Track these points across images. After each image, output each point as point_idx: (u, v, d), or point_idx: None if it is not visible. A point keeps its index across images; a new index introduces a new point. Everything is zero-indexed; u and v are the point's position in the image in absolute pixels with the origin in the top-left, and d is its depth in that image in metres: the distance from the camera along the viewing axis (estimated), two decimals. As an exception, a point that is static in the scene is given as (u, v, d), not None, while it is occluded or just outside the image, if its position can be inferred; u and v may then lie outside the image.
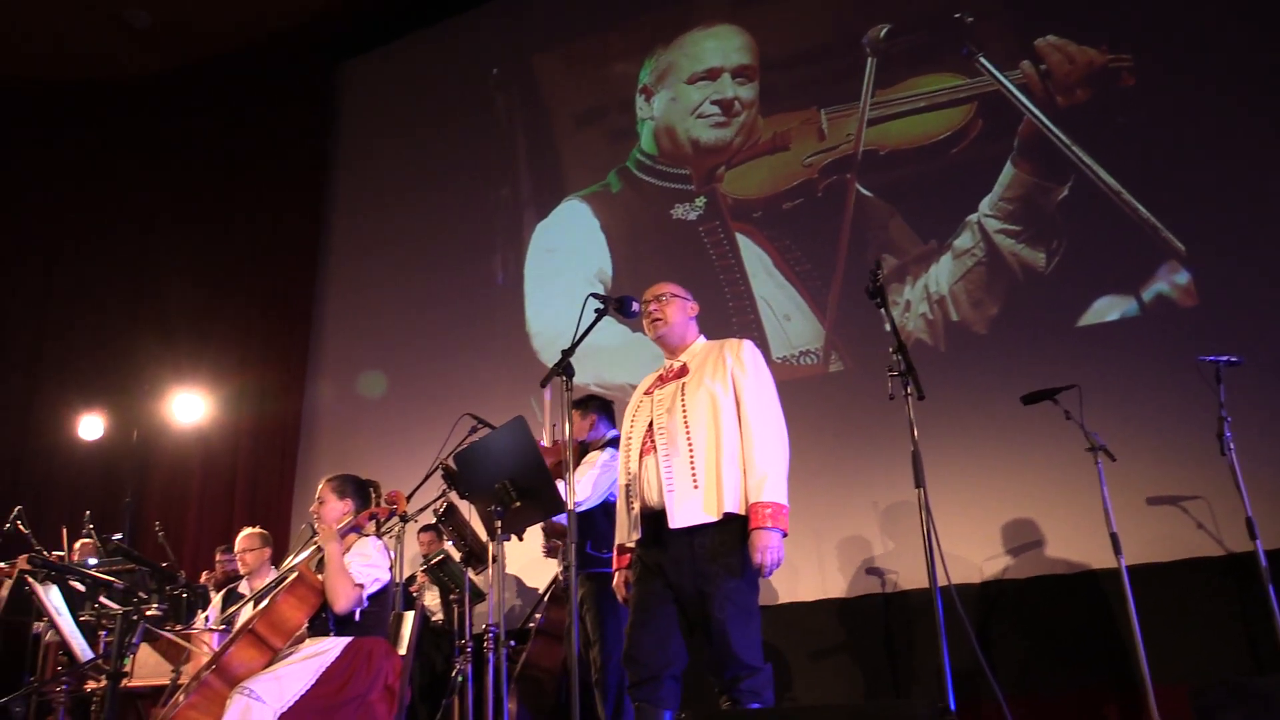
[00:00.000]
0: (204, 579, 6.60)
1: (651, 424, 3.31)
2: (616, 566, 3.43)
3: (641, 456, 3.29)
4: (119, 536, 5.94)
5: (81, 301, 9.33)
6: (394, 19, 8.65)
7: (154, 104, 9.47)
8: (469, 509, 4.55)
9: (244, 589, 5.18)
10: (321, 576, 3.63)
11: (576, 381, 3.32)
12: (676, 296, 3.48)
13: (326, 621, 3.63)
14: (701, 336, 3.52)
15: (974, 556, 5.26)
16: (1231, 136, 5.35)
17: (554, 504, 3.53)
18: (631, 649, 3.16)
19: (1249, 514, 4.15)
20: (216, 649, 3.90)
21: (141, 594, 3.82)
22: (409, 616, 3.97)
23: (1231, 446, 4.21)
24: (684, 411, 3.25)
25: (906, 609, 5.31)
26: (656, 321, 3.44)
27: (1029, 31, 5.99)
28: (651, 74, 7.32)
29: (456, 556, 5.08)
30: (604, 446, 4.57)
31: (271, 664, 3.47)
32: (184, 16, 8.61)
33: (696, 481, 3.15)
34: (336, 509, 3.85)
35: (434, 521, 4.92)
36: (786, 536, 3.09)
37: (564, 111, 7.72)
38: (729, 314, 6.42)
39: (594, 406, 4.73)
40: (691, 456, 3.18)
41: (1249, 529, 4.15)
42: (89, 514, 6.33)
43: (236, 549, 5.34)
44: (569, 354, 3.26)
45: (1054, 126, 5.79)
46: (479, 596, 5.54)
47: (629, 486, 3.34)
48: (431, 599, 6.07)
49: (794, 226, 6.46)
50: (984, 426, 5.45)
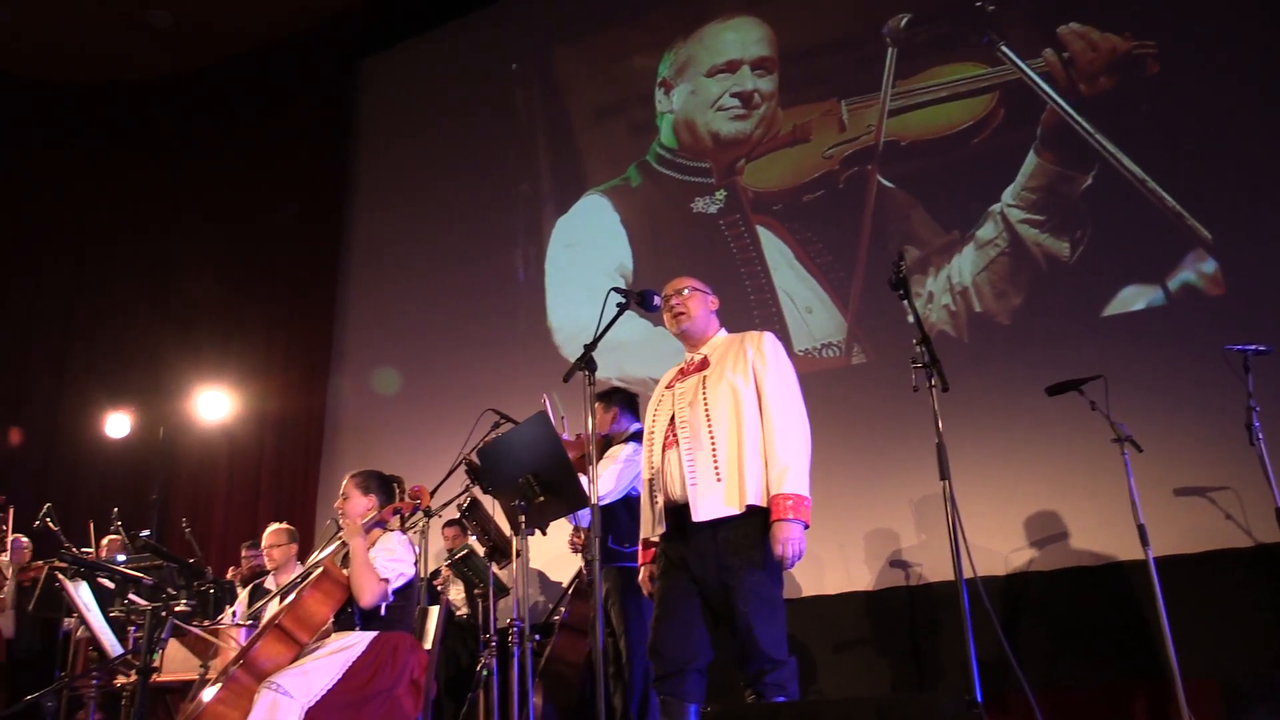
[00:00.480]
0: (230, 575, 6.66)
1: (673, 418, 3.31)
2: (641, 561, 3.43)
3: (664, 450, 3.29)
4: (146, 533, 6.01)
5: (107, 301, 9.41)
6: (413, 16, 8.67)
7: (177, 104, 9.54)
8: (492, 504, 4.56)
9: (270, 584, 5.22)
10: (347, 572, 3.65)
11: (598, 376, 3.32)
12: (697, 290, 3.47)
13: (352, 616, 3.65)
14: (722, 330, 3.51)
15: (999, 549, 5.22)
16: (1257, 122, 5.28)
17: (577, 498, 3.53)
18: (656, 643, 3.16)
19: (1278, 504, 4.11)
20: (243, 644, 3.93)
21: (170, 590, 3.86)
22: (434, 611, 3.99)
23: (1260, 436, 4.17)
24: (705, 405, 3.25)
25: (931, 602, 5.29)
26: (679, 315, 3.44)
27: (1051, 19, 5.93)
28: (671, 67, 7.30)
29: (480, 551, 5.09)
30: (627, 440, 4.57)
31: (298, 659, 3.49)
32: (205, 17, 8.67)
33: (719, 474, 3.15)
34: (361, 504, 3.87)
35: (458, 516, 4.94)
36: (808, 528, 3.08)
37: (583, 106, 7.72)
38: (750, 307, 6.40)
39: (617, 399, 4.72)
40: (714, 449, 3.17)
41: (1278, 520, 4.11)
42: (116, 511, 6.40)
43: (263, 544, 5.38)
44: (591, 348, 3.26)
45: (1077, 115, 5.73)
46: (503, 591, 5.56)
47: (652, 481, 3.35)
48: (456, 594, 6.09)
49: (815, 218, 6.43)
50: (1008, 418, 5.41)
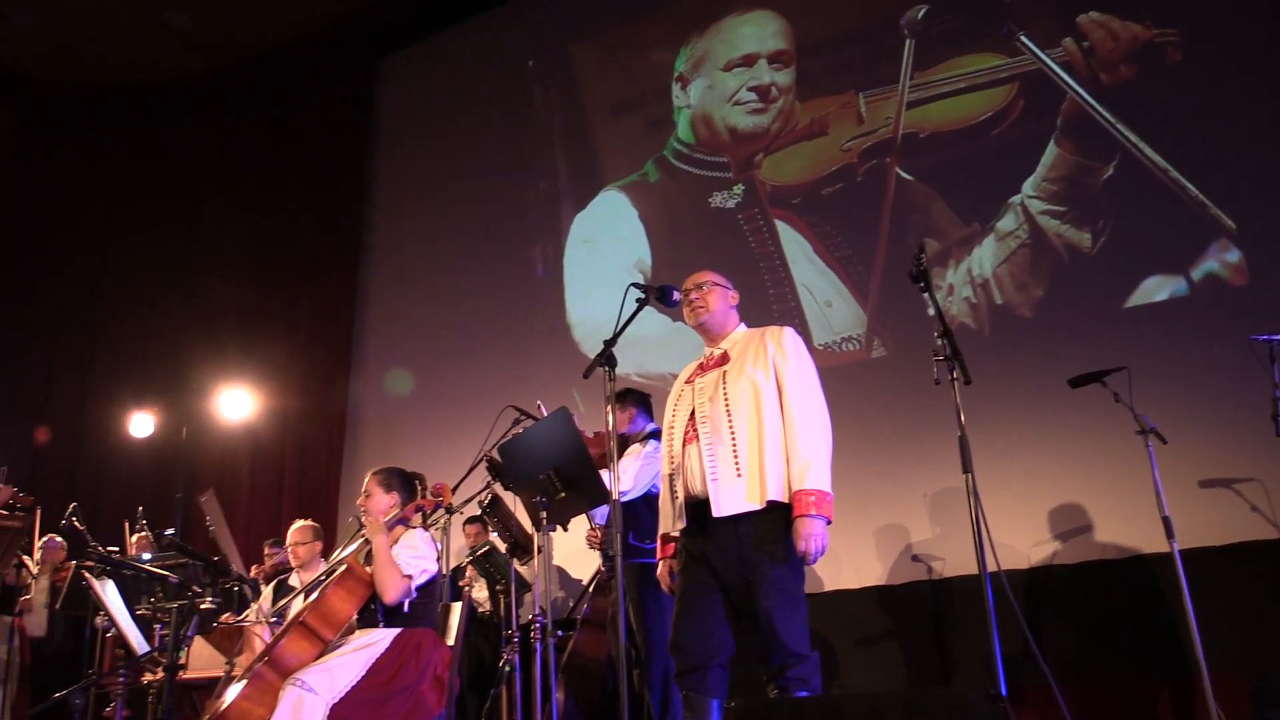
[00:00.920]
0: (254, 572, 6.70)
1: (694, 413, 3.31)
2: (661, 555, 3.43)
3: (684, 445, 3.29)
4: (171, 531, 6.06)
5: (130, 301, 9.49)
6: (429, 15, 8.69)
7: (196, 105, 9.60)
8: (513, 500, 4.57)
9: (294, 581, 5.26)
10: (370, 569, 3.67)
11: (617, 372, 3.31)
12: (717, 285, 3.47)
13: (376, 613, 3.68)
14: (742, 324, 3.51)
15: (1022, 542, 5.20)
16: (1282, 110, 5.23)
17: (598, 494, 3.53)
18: (678, 638, 3.16)
19: (1305, 496, 4.08)
20: (268, 641, 3.96)
21: (195, 588, 3.89)
22: (456, 607, 4.01)
23: (1286, 427, 4.12)
24: (726, 400, 3.24)
25: (953, 596, 5.26)
26: (698, 309, 3.43)
27: (1071, 8, 5.88)
28: (687, 62, 7.29)
29: (502, 548, 5.11)
30: (644, 439, 4.57)
31: (322, 655, 3.52)
32: (224, 19, 8.72)
33: (740, 470, 3.14)
34: (383, 502, 3.89)
35: (480, 513, 4.96)
36: (830, 524, 3.08)
37: (601, 102, 7.71)
38: (769, 301, 6.39)
39: (632, 400, 4.73)
40: (734, 445, 3.17)
41: (1306, 511, 4.08)
42: (141, 510, 6.46)
43: (288, 542, 5.41)
44: (611, 344, 3.25)
45: (1098, 104, 5.69)
46: (524, 587, 5.58)
47: (672, 476, 3.35)
48: (479, 591, 6.11)
49: (834, 212, 6.41)
50: (1030, 410, 5.38)
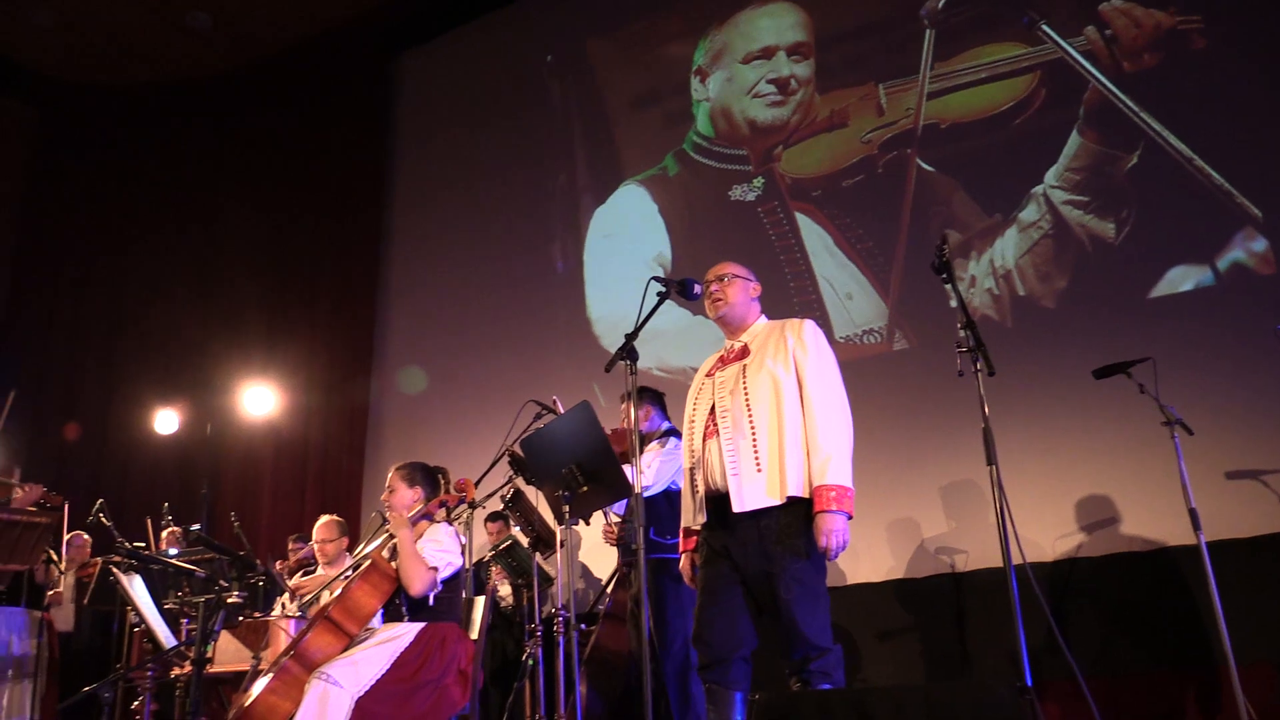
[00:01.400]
0: (279, 567, 6.75)
1: (714, 407, 3.30)
2: (683, 549, 3.44)
3: (704, 440, 3.29)
4: (197, 527, 6.11)
5: (153, 298, 9.56)
6: (448, 11, 8.70)
7: (217, 104, 9.66)
8: (535, 495, 4.59)
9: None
10: (394, 563, 3.69)
11: (638, 366, 3.31)
12: (738, 277, 3.46)
13: (400, 607, 3.70)
14: (763, 317, 3.49)
15: (1045, 535, 5.17)
16: (1309, 97, 5.17)
17: (621, 488, 3.53)
18: (701, 631, 3.17)
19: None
20: (294, 635, 3.99)
21: (222, 582, 3.92)
22: (479, 601, 4.02)
23: (1314, 417, 4.09)
24: (746, 394, 3.24)
25: (975, 589, 5.24)
26: (717, 302, 3.43)
27: (1093, -4, 5.83)
28: (706, 55, 7.27)
29: (524, 542, 5.13)
30: (662, 437, 4.58)
31: (348, 649, 3.54)
32: (243, 18, 8.76)
33: (760, 465, 3.14)
34: (407, 497, 3.91)
35: (501, 510, 4.98)
36: (851, 519, 3.07)
37: (619, 96, 7.71)
38: (790, 294, 6.37)
39: (648, 398, 4.74)
40: (754, 439, 3.16)
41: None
42: (167, 506, 6.52)
43: (315, 538, 5.45)
44: (633, 337, 3.25)
45: (1121, 93, 5.63)
46: (547, 581, 5.59)
47: (693, 470, 3.35)
48: (502, 586, 6.13)
49: (854, 204, 6.38)
50: (1054, 402, 5.34)
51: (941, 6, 6.32)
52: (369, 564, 3.69)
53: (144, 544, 6.19)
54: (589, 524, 3.87)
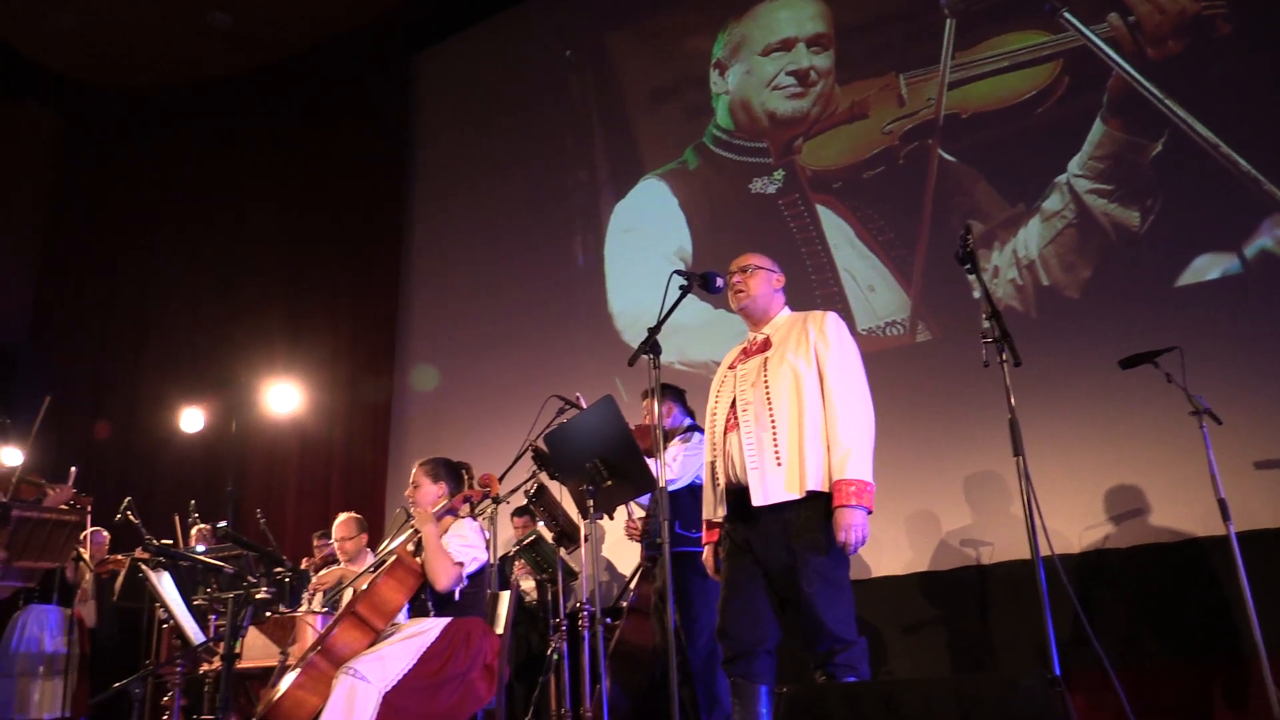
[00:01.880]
0: (304, 564, 6.79)
1: (735, 400, 3.30)
2: (706, 540, 3.44)
3: (725, 433, 3.28)
4: (224, 524, 6.15)
5: (177, 298, 9.64)
6: (467, 7, 8.71)
7: (239, 103, 9.72)
8: (558, 489, 4.60)
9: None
10: (420, 559, 3.71)
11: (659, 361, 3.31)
12: (761, 268, 3.44)
13: (426, 603, 3.71)
14: (786, 308, 3.48)
15: (1072, 527, 5.13)
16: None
17: (645, 482, 3.53)
18: (725, 624, 3.16)
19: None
20: (320, 631, 4.01)
21: (250, 578, 3.95)
22: (504, 596, 4.03)
23: (1345, 405, 4.04)
24: (766, 387, 3.22)
25: (1000, 581, 5.21)
26: (740, 294, 3.42)
27: (1116, -18, 5.78)
28: (725, 48, 7.25)
29: (548, 537, 5.14)
30: (684, 433, 4.58)
31: (374, 644, 3.56)
32: (263, 18, 8.81)
33: (780, 459, 3.12)
34: (431, 492, 3.93)
35: (526, 504, 4.98)
36: (871, 514, 3.05)
37: (638, 90, 7.70)
38: (811, 287, 6.35)
39: (669, 395, 4.74)
40: (774, 433, 3.15)
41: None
42: (193, 503, 6.57)
43: (335, 537, 5.48)
44: (655, 331, 3.25)
45: (1145, 80, 5.58)
46: (571, 575, 5.60)
47: (714, 463, 3.34)
48: (526, 581, 6.15)
49: (875, 195, 6.35)
50: (1080, 393, 5.30)
51: (962, -5, 6.28)
52: (394, 560, 3.70)
53: (171, 541, 6.24)
54: (613, 518, 3.87)
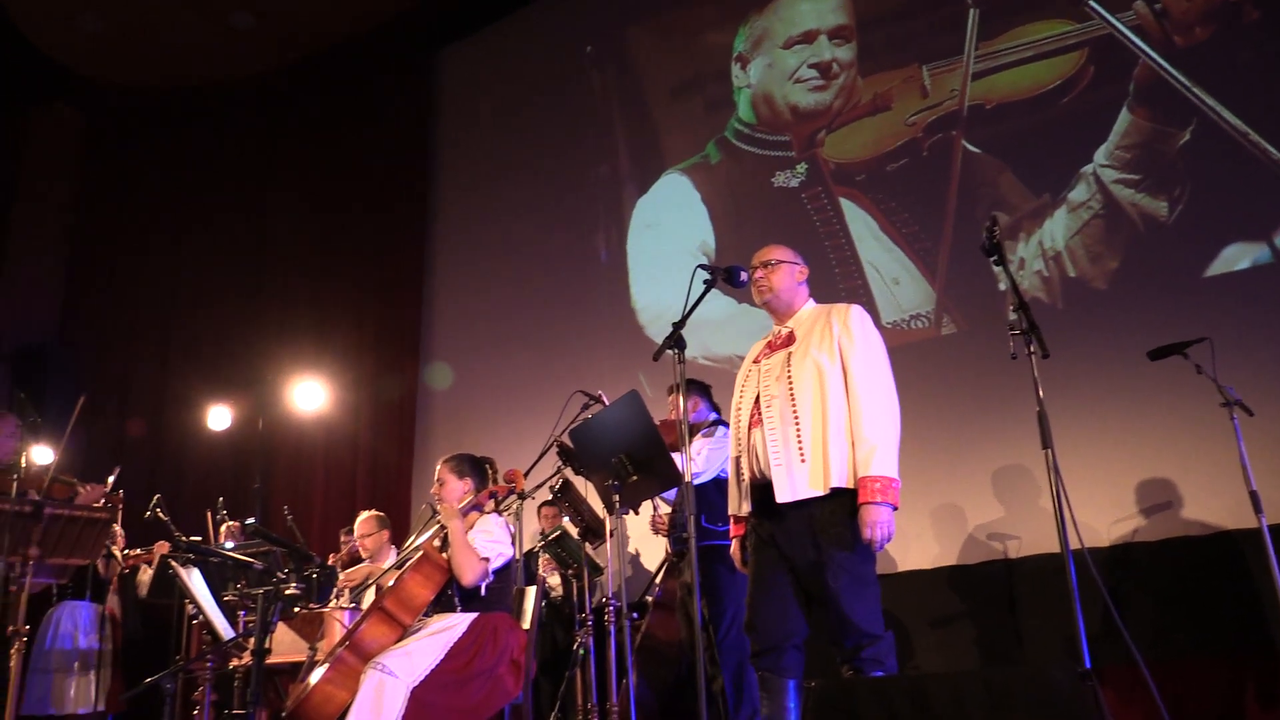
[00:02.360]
0: (331, 560, 6.84)
1: (759, 396, 3.29)
2: (733, 534, 3.44)
3: (750, 429, 3.28)
4: (252, 520, 6.21)
5: (204, 297, 9.71)
6: (488, 4, 8.72)
7: (263, 101, 9.78)
8: (584, 485, 4.60)
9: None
10: (446, 554, 3.73)
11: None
12: (784, 262, 3.43)
13: (452, 598, 3.73)
14: (811, 300, 3.47)
15: (1101, 520, 5.09)
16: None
17: (670, 476, 3.53)
18: (753, 619, 3.17)
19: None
20: (348, 626, 4.04)
21: (279, 574, 3.98)
22: (530, 591, 4.05)
23: (1379, 396, 3.98)
24: (790, 383, 3.21)
25: (1029, 575, 5.18)
26: (762, 289, 3.41)
27: (1142, -30, 5.71)
28: (746, 41, 7.22)
29: (574, 532, 5.15)
30: (709, 427, 4.58)
31: (402, 639, 3.58)
32: (286, 16, 8.85)
33: (803, 455, 3.11)
34: (457, 488, 3.94)
35: (552, 498, 5.00)
36: (897, 510, 3.04)
37: (660, 85, 7.68)
38: (835, 280, 6.32)
39: (695, 390, 4.74)
40: (798, 429, 3.14)
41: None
42: (221, 500, 6.63)
43: (356, 534, 5.52)
44: (680, 326, 3.24)
45: (1172, 68, 5.51)
46: (597, 570, 5.62)
47: (739, 458, 3.34)
48: (552, 576, 6.16)
49: (899, 188, 6.31)
50: (1108, 385, 5.25)
51: (985, -15, 6.22)
52: (421, 555, 3.72)
53: (201, 538, 6.29)
54: (638, 513, 3.87)
